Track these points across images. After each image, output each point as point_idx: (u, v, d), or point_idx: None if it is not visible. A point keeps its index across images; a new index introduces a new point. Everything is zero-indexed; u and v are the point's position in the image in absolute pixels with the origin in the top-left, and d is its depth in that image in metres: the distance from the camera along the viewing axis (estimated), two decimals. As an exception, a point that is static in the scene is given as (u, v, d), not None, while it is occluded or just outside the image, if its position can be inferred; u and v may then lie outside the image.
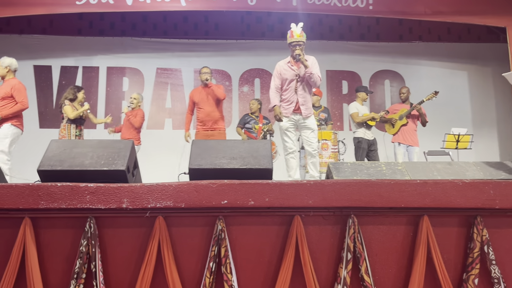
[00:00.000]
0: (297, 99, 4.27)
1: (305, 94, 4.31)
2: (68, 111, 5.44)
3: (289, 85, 4.31)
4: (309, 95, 4.34)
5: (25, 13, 6.74)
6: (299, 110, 4.28)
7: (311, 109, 4.35)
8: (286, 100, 4.35)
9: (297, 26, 4.26)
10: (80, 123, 5.57)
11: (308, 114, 4.31)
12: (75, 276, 2.46)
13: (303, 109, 4.28)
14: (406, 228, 2.72)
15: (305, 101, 4.29)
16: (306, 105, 4.30)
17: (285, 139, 4.35)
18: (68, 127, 5.46)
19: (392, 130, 5.98)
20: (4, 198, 2.45)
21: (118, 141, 2.89)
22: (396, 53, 8.25)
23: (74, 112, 5.44)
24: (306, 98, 4.30)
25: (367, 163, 3.20)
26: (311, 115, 4.33)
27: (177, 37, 8.13)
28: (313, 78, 4.23)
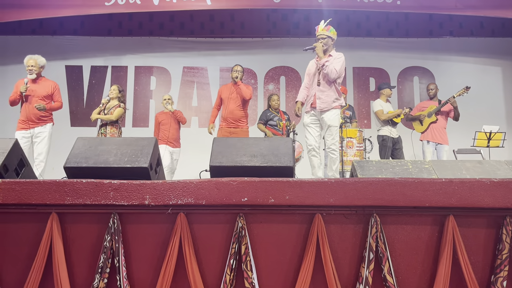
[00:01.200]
0: (315, 93, 4.24)
1: (325, 87, 4.22)
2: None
3: (313, 80, 4.30)
4: (329, 88, 4.22)
5: (57, 15, 6.95)
6: (314, 104, 4.23)
7: (329, 103, 4.20)
8: (309, 95, 4.32)
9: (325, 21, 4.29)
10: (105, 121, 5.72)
11: (325, 108, 4.19)
12: (99, 270, 2.52)
13: (318, 102, 4.20)
14: (431, 228, 2.65)
15: (322, 95, 4.21)
16: (323, 99, 4.20)
17: (306, 135, 4.29)
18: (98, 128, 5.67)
19: (421, 127, 5.83)
20: (32, 194, 2.54)
21: (141, 139, 2.94)
22: (425, 49, 8.03)
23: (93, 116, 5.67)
24: (324, 92, 4.21)
25: (393, 161, 3.14)
26: (328, 109, 4.20)
27: (204, 36, 8.20)
28: (326, 70, 4.16)
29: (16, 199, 2.54)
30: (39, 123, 5.08)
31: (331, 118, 4.17)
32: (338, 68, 4.15)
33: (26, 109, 5.07)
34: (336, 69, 4.15)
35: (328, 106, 4.18)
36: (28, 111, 5.03)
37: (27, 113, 5.03)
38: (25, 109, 5.07)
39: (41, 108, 5.02)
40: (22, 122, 5.05)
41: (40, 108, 5.01)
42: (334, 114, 4.19)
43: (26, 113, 5.04)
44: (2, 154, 2.75)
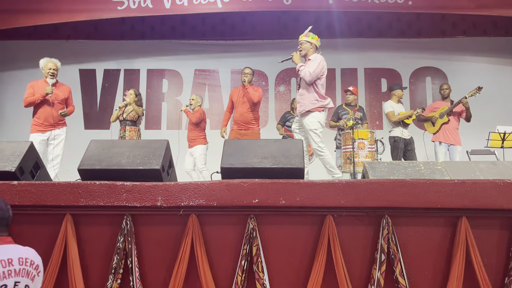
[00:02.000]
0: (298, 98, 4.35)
1: (304, 91, 4.31)
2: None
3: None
4: (308, 92, 4.28)
5: (71, 20, 7.07)
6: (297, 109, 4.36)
7: (306, 105, 4.26)
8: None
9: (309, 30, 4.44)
10: (124, 124, 5.77)
11: (303, 111, 4.27)
12: (112, 271, 2.56)
13: (298, 106, 4.32)
14: (444, 229, 2.63)
15: (301, 98, 4.30)
16: (301, 102, 4.30)
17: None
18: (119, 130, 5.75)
19: (433, 128, 5.77)
20: (47, 196, 2.59)
21: (154, 141, 2.97)
22: (438, 49, 7.96)
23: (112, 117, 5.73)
24: (303, 96, 4.30)
25: (405, 162, 3.12)
26: (307, 111, 4.25)
27: (215, 38, 8.25)
28: (301, 74, 4.27)
29: (32, 201, 2.59)
30: (56, 126, 5.14)
31: (309, 122, 4.22)
32: (312, 70, 4.21)
33: (46, 112, 5.07)
34: (310, 71, 4.21)
35: (306, 108, 4.24)
36: (49, 114, 5.06)
37: (47, 116, 5.05)
38: (45, 111, 5.07)
39: (65, 114, 5.13)
40: (39, 124, 5.07)
41: (64, 114, 5.11)
42: (312, 117, 4.21)
43: (46, 116, 5.06)
44: (18, 157, 2.81)
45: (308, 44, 4.39)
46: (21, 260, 1.85)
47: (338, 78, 8.02)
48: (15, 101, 7.75)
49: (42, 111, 5.08)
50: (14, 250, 1.89)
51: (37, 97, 5.03)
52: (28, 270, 1.85)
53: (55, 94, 5.11)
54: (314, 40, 4.41)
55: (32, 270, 1.87)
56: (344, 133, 5.28)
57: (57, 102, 5.16)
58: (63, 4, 6.95)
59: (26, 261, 1.86)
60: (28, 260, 1.87)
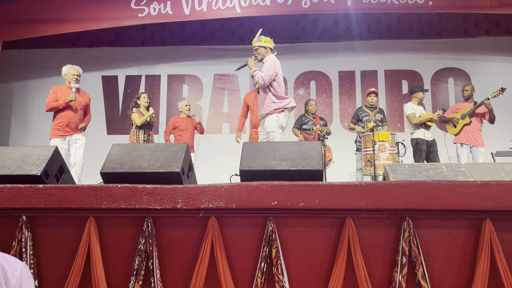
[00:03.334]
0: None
1: (262, 95, 4.36)
2: (135, 118, 5.76)
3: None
4: (266, 95, 4.32)
5: (94, 28, 7.26)
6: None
7: (265, 108, 4.30)
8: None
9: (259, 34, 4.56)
10: (148, 128, 5.85)
11: (263, 114, 4.31)
12: (134, 272, 2.60)
13: (259, 110, 4.40)
14: (467, 232, 2.58)
15: (260, 102, 4.37)
16: (261, 106, 4.35)
17: None
18: (136, 133, 5.77)
19: (454, 130, 5.66)
20: (71, 199, 2.65)
21: (174, 145, 3.02)
22: (460, 50, 7.83)
23: (140, 118, 5.74)
24: (261, 99, 4.35)
25: (426, 164, 3.08)
26: (267, 116, 4.29)
27: (234, 43, 8.31)
28: (255, 79, 4.34)
29: (57, 204, 2.65)
30: (78, 130, 5.27)
31: (267, 125, 4.27)
32: (264, 74, 4.25)
33: (68, 117, 5.21)
34: (263, 75, 4.26)
35: (265, 111, 4.29)
36: (71, 120, 5.19)
37: (69, 121, 5.19)
38: (67, 117, 5.21)
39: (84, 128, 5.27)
40: (60, 129, 5.20)
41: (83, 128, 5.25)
42: (270, 120, 4.26)
43: (68, 121, 5.19)
44: (44, 161, 2.89)
45: (263, 49, 4.46)
46: None
47: (358, 80, 7.96)
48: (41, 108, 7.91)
49: (64, 116, 5.21)
50: None
51: (61, 102, 5.17)
52: None
53: (77, 101, 5.24)
54: (267, 43, 4.48)
55: None
56: (365, 135, 5.23)
57: (79, 108, 5.29)
58: (87, 13, 7.14)
59: None
60: None
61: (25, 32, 7.36)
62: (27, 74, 8.40)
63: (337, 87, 7.93)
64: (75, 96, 5.18)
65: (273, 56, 4.40)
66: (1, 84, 7.86)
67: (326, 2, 6.75)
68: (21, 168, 2.86)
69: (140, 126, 5.76)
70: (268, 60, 4.35)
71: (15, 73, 8.32)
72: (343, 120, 7.80)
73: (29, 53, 8.39)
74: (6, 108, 8.28)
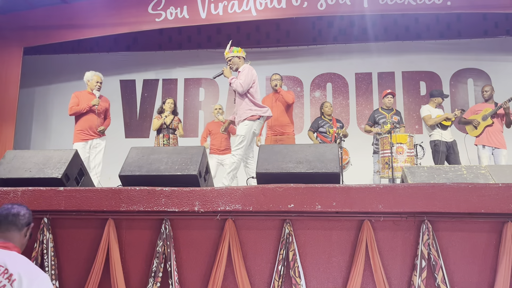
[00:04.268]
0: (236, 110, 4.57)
1: (239, 102, 4.49)
2: (153, 123, 5.86)
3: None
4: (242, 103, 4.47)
5: (112, 33, 7.37)
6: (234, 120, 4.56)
7: (241, 115, 4.45)
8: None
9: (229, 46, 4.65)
10: (168, 132, 5.89)
11: (239, 121, 4.46)
12: (152, 274, 2.62)
13: (236, 117, 4.53)
14: (488, 235, 2.53)
15: (237, 110, 4.50)
16: (238, 113, 4.50)
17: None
18: (157, 138, 5.85)
19: (475, 131, 5.55)
20: (90, 201, 2.70)
21: (191, 148, 3.04)
22: (480, 50, 7.67)
23: (155, 124, 5.82)
24: (238, 107, 4.49)
25: (445, 167, 3.04)
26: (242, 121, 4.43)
27: (250, 46, 8.32)
28: (233, 87, 4.48)
29: (77, 206, 2.71)
30: (98, 135, 5.39)
31: (239, 128, 4.41)
32: (242, 81, 4.39)
33: (89, 121, 5.32)
34: (241, 82, 4.39)
35: (241, 117, 4.42)
36: (92, 124, 5.31)
37: (90, 125, 5.31)
38: (88, 121, 5.33)
39: (103, 130, 5.38)
40: (82, 133, 5.31)
41: (102, 131, 5.37)
42: (244, 125, 4.39)
43: (90, 125, 5.31)
44: (64, 164, 2.95)
45: (236, 59, 4.59)
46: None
47: (375, 82, 7.88)
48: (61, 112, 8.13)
49: (85, 121, 5.31)
50: None
51: (84, 107, 5.29)
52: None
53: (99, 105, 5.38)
54: (239, 53, 4.62)
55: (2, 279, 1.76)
56: (382, 137, 5.17)
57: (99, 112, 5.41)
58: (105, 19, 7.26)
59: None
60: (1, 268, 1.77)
61: (46, 38, 7.53)
62: (47, 79, 8.57)
63: (353, 89, 7.86)
64: (99, 101, 5.31)
65: (248, 65, 4.60)
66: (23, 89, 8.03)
67: (342, 4, 6.72)
68: (42, 171, 2.92)
69: (159, 131, 5.82)
70: (246, 69, 4.51)
71: (36, 78, 8.50)
72: (360, 122, 7.73)
73: (50, 59, 8.56)
74: (28, 113, 8.46)
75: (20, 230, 1.98)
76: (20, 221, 1.99)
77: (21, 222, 1.99)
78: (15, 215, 1.99)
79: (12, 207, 2.02)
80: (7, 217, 1.98)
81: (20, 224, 1.99)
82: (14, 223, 1.97)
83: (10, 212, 1.99)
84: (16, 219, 1.99)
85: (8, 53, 7.51)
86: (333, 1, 6.72)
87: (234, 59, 4.60)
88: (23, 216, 2.01)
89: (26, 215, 2.04)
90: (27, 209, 2.06)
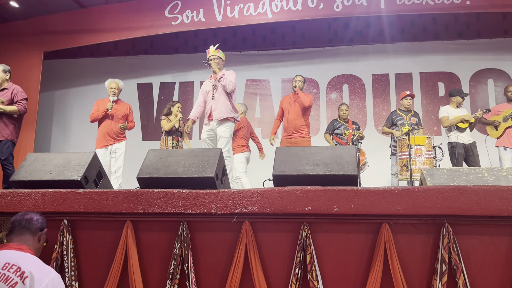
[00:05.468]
0: (211, 106, 4.56)
1: (219, 99, 4.54)
2: (163, 124, 5.89)
3: (208, 96, 4.67)
4: (224, 101, 4.53)
5: (130, 37, 7.49)
6: (211, 117, 4.56)
7: (224, 112, 4.49)
8: (206, 110, 4.66)
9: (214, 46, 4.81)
10: (177, 134, 5.95)
11: (220, 117, 4.47)
12: (170, 276, 2.63)
13: (214, 114, 4.52)
14: (511, 239, 2.47)
15: (217, 106, 4.52)
16: (218, 109, 4.50)
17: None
18: (165, 139, 5.89)
19: (495, 133, 5.43)
20: (109, 203, 2.72)
21: (207, 150, 3.05)
22: (500, 50, 7.53)
23: (167, 124, 5.85)
24: (218, 103, 4.53)
25: (466, 169, 2.98)
26: (225, 121, 4.50)
27: (265, 49, 8.35)
28: (223, 82, 4.54)
29: (95, 208, 2.74)
30: (117, 140, 5.51)
31: (223, 130, 4.48)
32: (234, 81, 4.57)
33: (107, 126, 5.47)
34: (232, 81, 4.56)
35: (223, 115, 4.47)
36: (109, 129, 5.45)
37: (108, 130, 5.45)
38: (106, 126, 5.47)
39: (124, 127, 5.49)
40: (102, 139, 5.47)
41: (123, 127, 5.47)
42: (226, 127, 4.49)
43: (107, 130, 5.45)
44: (83, 167, 2.99)
45: (221, 60, 4.76)
46: (7, 265, 1.83)
47: (392, 83, 7.81)
48: (80, 115, 8.28)
49: (103, 127, 5.50)
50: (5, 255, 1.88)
51: (100, 112, 5.45)
52: (8, 276, 1.80)
53: (115, 109, 5.48)
54: (223, 57, 4.81)
55: (14, 277, 1.80)
56: (400, 139, 5.11)
57: (117, 117, 5.51)
58: (122, 23, 7.37)
59: (11, 267, 1.82)
60: (14, 266, 1.82)
61: (65, 43, 7.68)
62: (66, 82, 8.73)
63: (370, 90, 7.80)
64: (112, 105, 5.43)
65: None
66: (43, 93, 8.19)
67: (358, 5, 6.68)
68: (62, 173, 2.97)
69: (168, 133, 5.86)
70: (233, 73, 4.67)
71: (56, 82, 8.68)
72: (377, 124, 7.66)
73: (69, 63, 8.74)
74: (48, 116, 8.63)
75: (34, 234, 2.12)
76: (33, 226, 2.13)
77: (34, 227, 2.13)
78: (28, 220, 2.13)
79: (26, 213, 2.17)
80: (20, 222, 2.11)
81: (33, 228, 2.13)
82: (27, 228, 2.11)
83: (24, 218, 2.14)
84: (29, 224, 2.12)
85: (29, 57, 7.68)
86: (349, 2, 6.68)
87: (219, 60, 4.74)
88: (36, 221, 2.16)
89: (39, 220, 2.18)
90: (40, 215, 2.21)
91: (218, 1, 7.07)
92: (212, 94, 4.61)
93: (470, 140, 5.49)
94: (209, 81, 4.79)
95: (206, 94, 4.74)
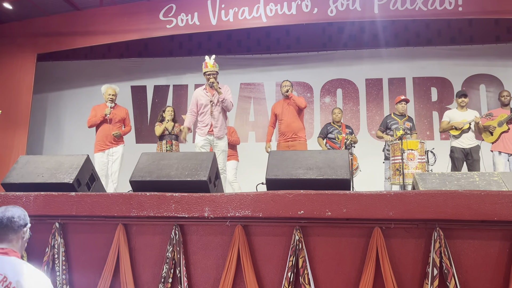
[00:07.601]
0: (211, 122, 4.72)
1: (219, 117, 4.74)
2: (155, 130, 5.93)
3: (204, 109, 4.76)
4: (222, 118, 4.78)
5: (124, 39, 7.46)
6: (212, 131, 4.73)
7: (223, 130, 4.79)
8: (202, 122, 4.78)
9: (210, 58, 4.77)
10: (170, 138, 5.94)
11: (221, 136, 4.75)
12: (162, 280, 2.63)
13: (215, 130, 4.72)
14: (501, 243, 2.49)
15: (218, 124, 4.73)
16: (219, 127, 4.73)
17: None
18: (160, 144, 5.92)
19: (491, 138, 5.47)
20: (101, 206, 2.72)
21: (201, 153, 3.05)
22: (492, 56, 7.60)
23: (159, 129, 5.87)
24: (219, 121, 4.73)
25: (458, 173, 3.00)
26: (223, 136, 4.79)
27: (260, 52, 8.36)
28: (225, 103, 4.72)
29: (88, 211, 2.73)
30: (114, 144, 5.53)
31: (225, 144, 4.82)
32: (232, 101, 4.79)
33: (105, 130, 5.49)
34: (232, 102, 4.79)
35: (222, 132, 4.76)
36: (108, 133, 5.48)
37: (106, 134, 5.48)
38: (104, 130, 5.50)
39: (118, 135, 5.49)
40: (99, 144, 5.50)
41: (117, 135, 5.48)
42: (225, 141, 4.83)
43: (105, 134, 5.49)
44: (76, 169, 2.98)
45: (217, 75, 4.78)
46: None
47: (386, 88, 7.85)
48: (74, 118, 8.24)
49: (101, 131, 5.53)
50: None
51: (98, 118, 5.48)
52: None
53: (112, 113, 5.51)
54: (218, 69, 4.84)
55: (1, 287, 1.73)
56: (393, 143, 5.13)
57: (115, 121, 5.54)
58: (117, 25, 7.35)
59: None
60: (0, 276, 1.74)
61: (59, 45, 7.64)
62: (60, 85, 8.68)
63: (364, 94, 7.84)
64: (110, 111, 5.45)
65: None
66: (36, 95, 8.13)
67: (352, 10, 6.71)
68: (54, 176, 2.95)
69: (162, 137, 5.87)
70: (229, 89, 4.80)
71: (49, 84, 8.62)
72: (370, 128, 7.69)
73: (62, 65, 8.68)
74: (41, 118, 8.57)
75: (17, 232, 1.93)
76: (15, 224, 1.93)
77: (16, 225, 1.93)
78: (9, 218, 1.93)
79: (6, 210, 1.95)
80: (1, 221, 1.91)
81: (16, 226, 1.93)
82: (10, 227, 1.91)
83: (5, 216, 1.93)
84: (12, 223, 1.92)
85: (22, 59, 7.64)
86: (343, 7, 6.72)
87: (216, 75, 4.77)
88: (18, 218, 1.95)
89: (22, 216, 1.97)
90: (22, 210, 2.00)
91: (212, 5, 7.07)
92: (211, 110, 4.71)
93: (471, 144, 5.48)
94: (205, 94, 4.78)
95: (201, 107, 4.78)
